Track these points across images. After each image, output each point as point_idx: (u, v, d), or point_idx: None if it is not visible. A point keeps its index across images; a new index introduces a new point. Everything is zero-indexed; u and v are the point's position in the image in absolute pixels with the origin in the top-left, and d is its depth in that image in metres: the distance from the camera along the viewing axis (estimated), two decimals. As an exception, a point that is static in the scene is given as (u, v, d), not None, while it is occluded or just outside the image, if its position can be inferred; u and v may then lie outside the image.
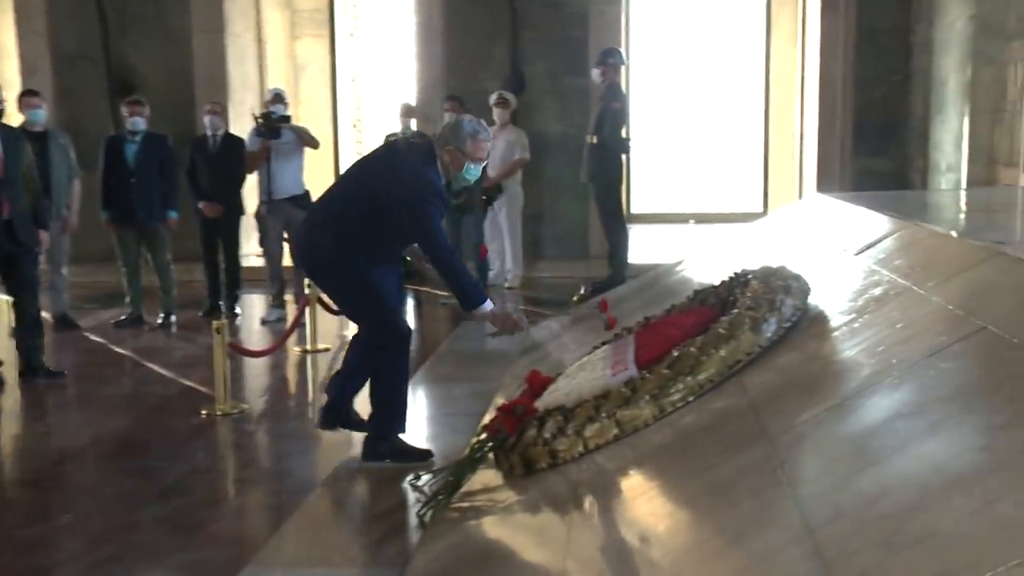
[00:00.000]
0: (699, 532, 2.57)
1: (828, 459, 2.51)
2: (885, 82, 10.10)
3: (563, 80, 10.36)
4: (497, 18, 10.29)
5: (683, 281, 5.88)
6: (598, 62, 8.39)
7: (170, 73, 10.49)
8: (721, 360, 3.48)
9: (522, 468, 3.61)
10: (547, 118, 10.39)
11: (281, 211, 8.03)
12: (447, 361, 6.53)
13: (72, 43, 10.63)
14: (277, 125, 7.97)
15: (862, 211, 4.94)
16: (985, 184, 7.85)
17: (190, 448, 4.96)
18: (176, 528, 3.89)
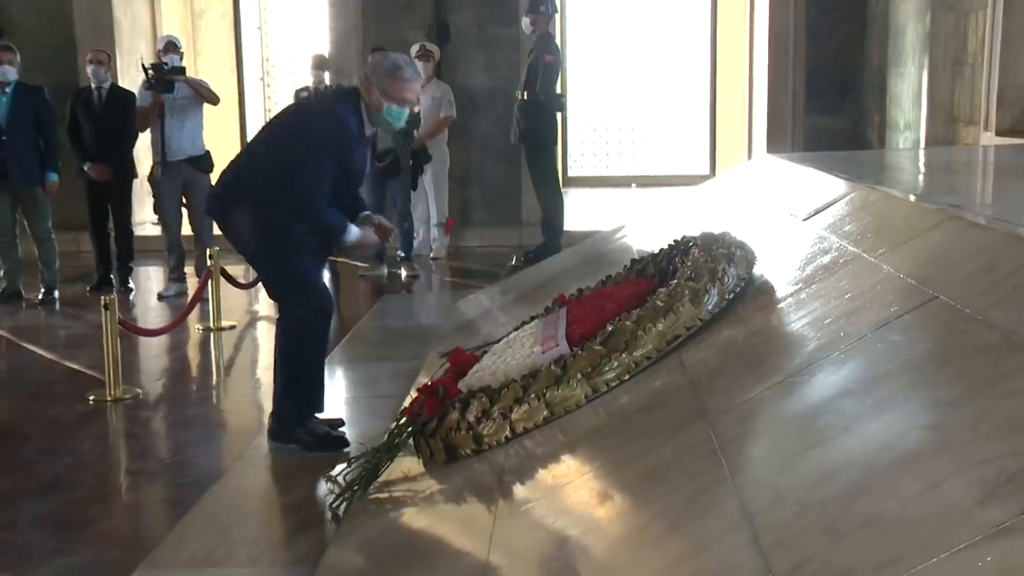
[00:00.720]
0: (634, 520, 2.60)
1: (770, 440, 2.56)
2: (840, 31, 10.24)
3: (491, 30, 10.33)
4: (419, -40, 10.21)
5: (622, 249, 5.92)
6: (528, 10, 8.39)
7: (46, 15, 10.23)
8: (659, 335, 3.51)
9: (444, 455, 3.62)
10: (474, 71, 10.35)
11: (178, 174, 7.92)
12: (366, 339, 6.51)
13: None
14: (170, 78, 7.84)
15: (813, 172, 5.00)
16: (945, 143, 8.01)
17: (75, 438, 4.89)
18: (58, 527, 3.84)
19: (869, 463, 2.11)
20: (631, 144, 13.74)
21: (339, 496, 3.71)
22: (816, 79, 10.28)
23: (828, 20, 10.19)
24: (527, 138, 8.43)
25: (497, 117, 9.94)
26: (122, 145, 8.11)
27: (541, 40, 8.26)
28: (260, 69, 13.38)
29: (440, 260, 9.50)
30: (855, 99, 10.34)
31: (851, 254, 3.42)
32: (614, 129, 13.71)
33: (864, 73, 10.26)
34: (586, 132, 13.63)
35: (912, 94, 8.91)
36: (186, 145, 7.97)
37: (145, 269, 8.88)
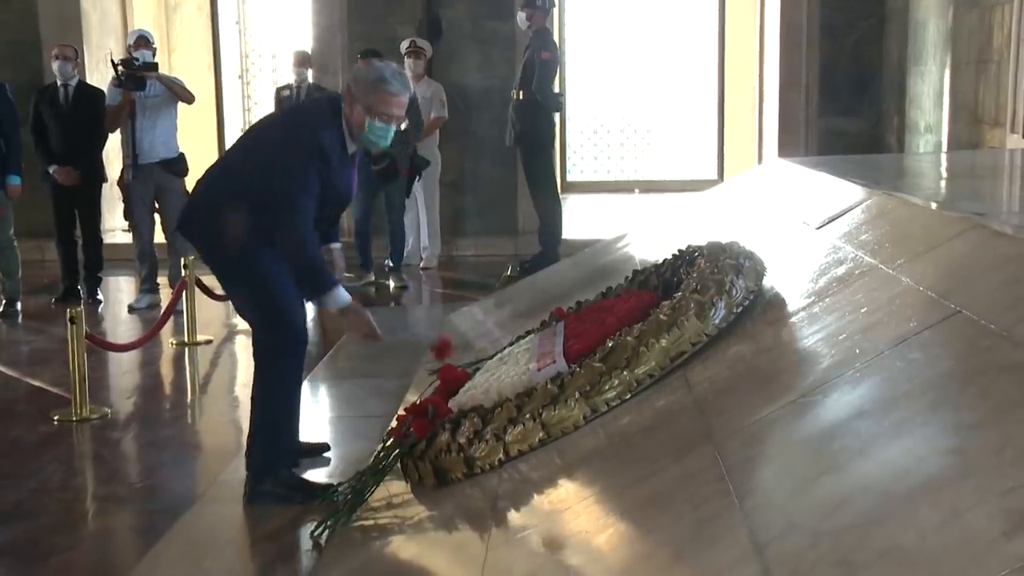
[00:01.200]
0: (636, 549, 2.60)
1: (781, 465, 2.55)
2: (856, 28, 10.26)
3: (485, 25, 10.34)
4: (408, -49, 10.24)
5: (624, 260, 5.93)
6: (524, 4, 8.42)
7: (10, 8, 10.24)
8: (662, 352, 3.51)
9: (433, 479, 3.62)
10: (467, 69, 10.36)
11: (150, 178, 7.92)
12: (351, 354, 6.49)
13: None
14: (142, 74, 7.83)
15: (827, 178, 5.02)
16: (969, 146, 8.02)
17: (38, 461, 4.87)
18: (19, 558, 3.83)
19: (886, 490, 2.11)
20: (633, 147, 13.76)
21: (321, 524, 3.70)
22: (831, 78, 10.30)
23: (844, 15, 10.21)
24: (523, 140, 8.44)
25: (492, 118, 9.93)
26: (90, 147, 8.10)
27: (538, 36, 8.29)
28: (239, 66, 13.39)
29: (430, 270, 9.50)
30: (873, 99, 10.36)
31: (868, 265, 3.43)
32: (615, 131, 13.72)
33: (882, 72, 10.28)
34: (585, 134, 13.65)
35: (933, 94, 8.93)
36: (159, 147, 7.95)
37: (115, 279, 8.87)
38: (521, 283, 7.21)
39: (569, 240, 8.84)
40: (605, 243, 6.95)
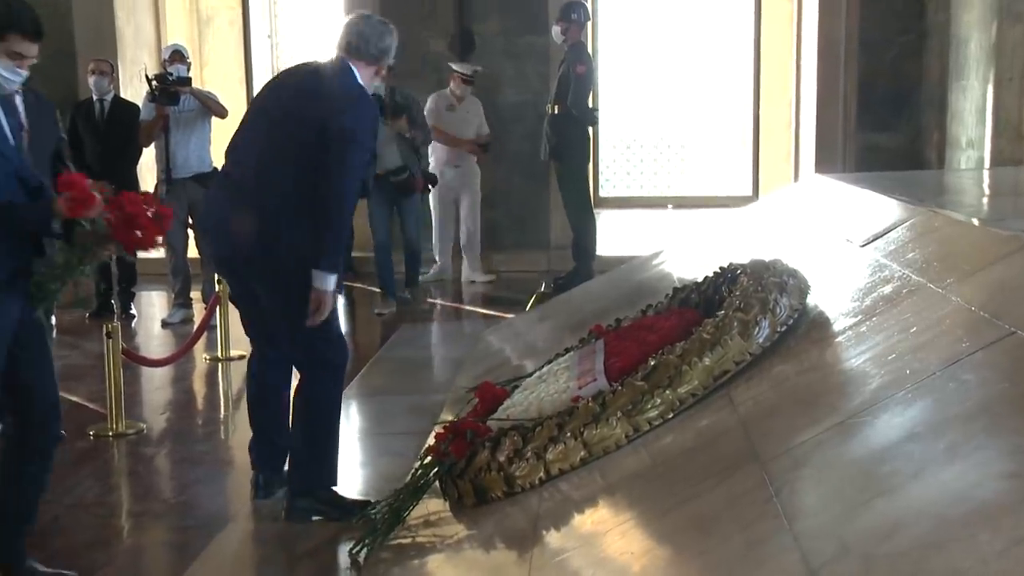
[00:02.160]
0: (682, 572, 2.59)
1: (831, 487, 2.53)
2: (895, 43, 10.22)
3: (519, 40, 10.37)
4: (441, -35, 10.29)
5: (661, 277, 5.92)
6: (559, 18, 8.43)
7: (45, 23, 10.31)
8: (705, 370, 3.50)
9: (473, 497, 3.62)
10: (501, 84, 10.39)
11: (184, 192, 7.96)
12: (384, 371, 6.53)
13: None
14: (176, 89, 7.90)
15: (869, 195, 5.00)
16: (1012, 162, 7.97)
17: (75, 477, 4.90)
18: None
19: (941, 514, 2.09)
20: (667, 163, 13.73)
21: (359, 542, 3.70)
22: (869, 93, 10.26)
23: (883, 30, 10.16)
24: (558, 155, 8.45)
25: (525, 132, 9.96)
26: (125, 161, 8.17)
27: (573, 50, 8.30)
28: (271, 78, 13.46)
29: (476, 284, 9.43)
30: (912, 115, 10.31)
31: (915, 284, 3.41)
32: (648, 146, 13.69)
33: (922, 87, 10.23)
34: (619, 149, 13.63)
35: (975, 110, 8.87)
36: (192, 161, 8.02)
37: (148, 294, 8.93)
38: (556, 300, 7.21)
39: (603, 256, 8.82)
40: (641, 260, 6.94)
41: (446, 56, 10.33)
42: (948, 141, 9.60)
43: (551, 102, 8.48)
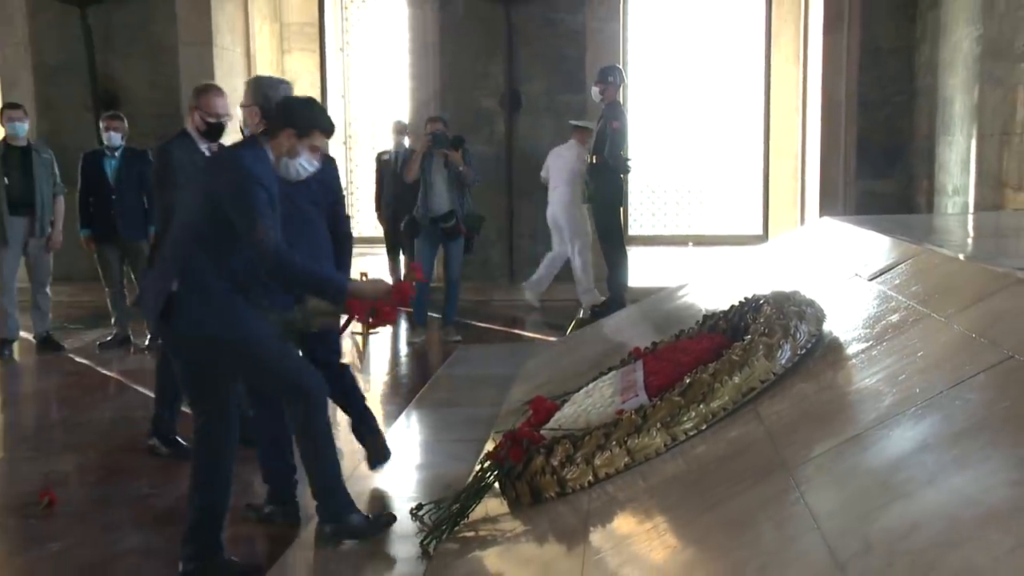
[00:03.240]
0: (721, 566, 2.57)
1: (852, 492, 2.51)
2: (889, 102, 10.19)
3: (559, 98, 10.43)
4: (493, 35, 10.35)
5: (687, 307, 5.90)
6: (598, 80, 8.46)
7: (156, 86, 10.51)
8: (735, 387, 3.50)
9: (530, 497, 3.62)
10: (543, 136, 10.43)
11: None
12: (444, 386, 6.53)
13: (55, 54, 10.64)
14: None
15: (872, 235, 4.97)
16: (993, 208, 7.90)
17: (182, 474, 4.85)
18: (170, 558, 3.86)
19: (955, 516, 2.07)
20: (688, 205, 13.74)
21: (428, 535, 3.71)
22: (867, 146, 10.23)
23: (878, 91, 10.15)
24: (595, 199, 8.46)
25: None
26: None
27: (609, 108, 8.33)
28: (343, 133, 13.61)
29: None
30: (904, 165, 10.26)
31: (920, 313, 3.39)
32: (671, 191, 13.72)
33: (913, 141, 10.19)
34: (646, 193, 13.65)
35: (960, 161, 8.82)
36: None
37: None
38: (595, 325, 7.20)
39: (633, 288, 8.81)
40: (668, 291, 6.92)
41: (496, 112, 10.41)
42: (936, 188, 9.55)
43: (590, 153, 8.50)
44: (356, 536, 3.82)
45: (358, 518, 3.86)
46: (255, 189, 3.48)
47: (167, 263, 3.65)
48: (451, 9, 10.43)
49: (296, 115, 3.67)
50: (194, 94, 5.21)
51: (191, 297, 3.51)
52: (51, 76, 10.69)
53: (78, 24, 10.48)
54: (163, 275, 3.59)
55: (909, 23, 10.13)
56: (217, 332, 3.57)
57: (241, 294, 3.59)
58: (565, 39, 10.44)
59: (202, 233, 3.56)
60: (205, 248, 3.55)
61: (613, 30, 10.61)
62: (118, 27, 10.64)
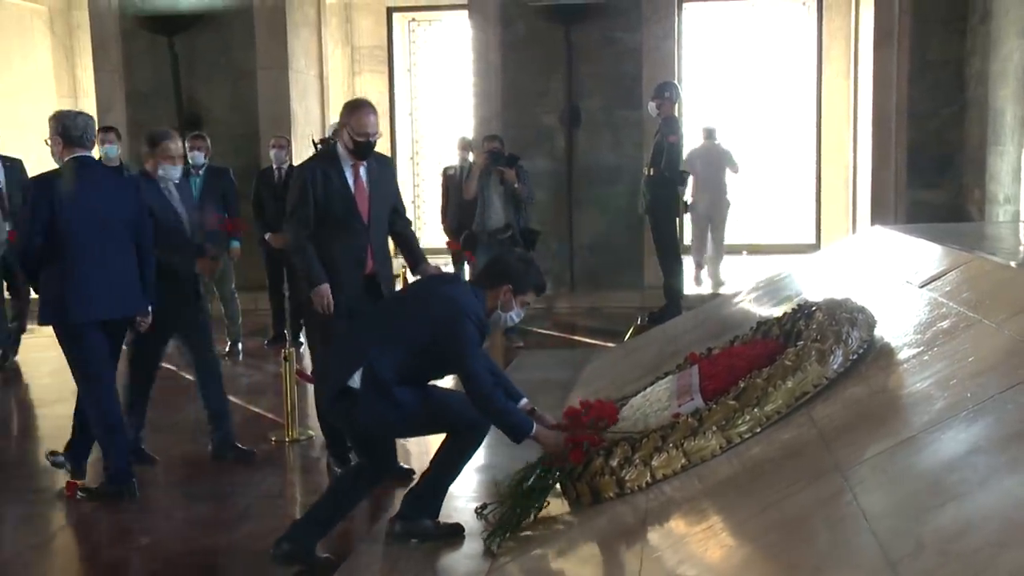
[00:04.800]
0: (776, 565, 2.53)
1: (905, 493, 2.47)
2: (940, 114, 9.98)
3: (617, 113, 10.38)
4: (553, 54, 10.34)
5: (742, 313, 5.84)
6: (654, 96, 8.40)
7: (236, 108, 10.67)
8: (788, 392, 3.45)
9: (590, 497, 3.60)
10: (602, 150, 10.40)
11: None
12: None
13: (145, 80, 10.85)
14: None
15: (923, 243, 4.88)
16: (1044, 216, 7.72)
17: (260, 474, 4.99)
18: (249, 553, 3.91)
19: (1008, 518, 2.02)
20: (742, 215, 13.56)
21: (492, 533, 3.70)
22: (917, 157, 10.02)
23: (929, 103, 9.94)
24: (652, 210, 8.41)
25: (622, 192, 9.97)
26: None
27: (666, 122, 8.26)
28: (411, 149, 13.71)
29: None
30: (955, 175, 10.03)
31: (971, 320, 3.31)
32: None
33: (963, 151, 9.96)
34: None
35: (1011, 170, 8.62)
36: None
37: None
38: (651, 332, 7.14)
39: (689, 295, 8.74)
40: (723, 298, 6.86)
41: (556, 128, 10.40)
42: (987, 198, 9.33)
43: (647, 166, 8.44)
44: (422, 538, 3.83)
45: (430, 523, 3.87)
46: (469, 325, 3.66)
47: (353, 356, 3.72)
48: (513, 29, 10.44)
49: (514, 274, 3.85)
50: (345, 111, 4.78)
51: (371, 394, 3.65)
52: (142, 101, 10.90)
53: (166, 51, 10.67)
54: (346, 367, 3.69)
55: (959, 37, 9.91)
56: (394, 420, 3.73)
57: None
58: (623, 57, 10.39)
59: (408, 344, 3.70)
60: (399, 358, 3.68)
61: (669, 48, 10.54)
62: (202, 53, 10.82)
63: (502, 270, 3.89)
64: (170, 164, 5.16)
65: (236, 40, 10.75)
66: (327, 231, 4.70)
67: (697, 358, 4.42)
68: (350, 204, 4.71)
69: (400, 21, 13.46)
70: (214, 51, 10.81)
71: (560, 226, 10.30)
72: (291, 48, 10.82)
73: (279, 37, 10.67)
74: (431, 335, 3.69)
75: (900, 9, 9.97)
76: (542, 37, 10.36)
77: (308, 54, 11.37)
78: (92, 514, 4.60)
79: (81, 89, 12.87)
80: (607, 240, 10.45)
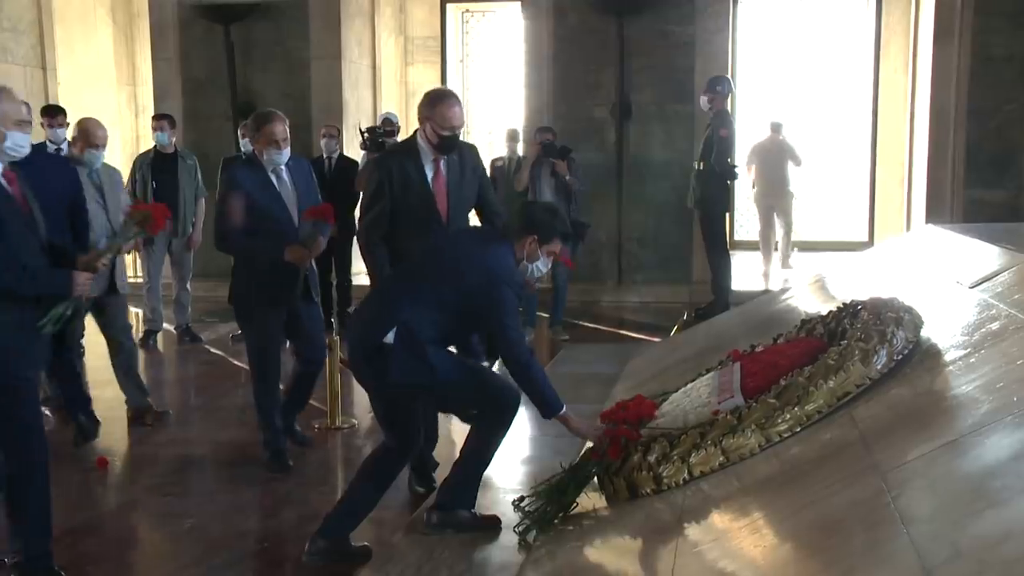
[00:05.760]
0: (809, 566, 2.50)
1: (944, 497, 2.42)
2: (1001, 111, 9.75)
3: (668, 107, 10.29)
4: (606, 47, 10.28)
5: (788, 310, 5.77)
6: (706, 90, 8.33)
7: (289, 97, 10.74)
8: (830, 391, 3.40)
9: (627, 492, 3.58)
10: (652, 144, 10.33)
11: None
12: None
13: (200, 69, 10.98)
14: (383, 139, 8.05)
15: (976, 243, 4.78)
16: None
17: (304, 460, 5.03)
18: (290, 539, 3.94)
19: (1050, 527, 1.97)
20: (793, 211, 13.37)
21: (528, 525, 3.69)
22: (976, 155, 9.80)
23: (989, 101, 9.70)
24: (702, 204, 8.33)
25: (672, 185, 9.88)
26: (347, 205, 8.38)
27: (718, 116, 8.18)
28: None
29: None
30: (1015, 174, 9.80)
31: (1021, 322, 3.23)
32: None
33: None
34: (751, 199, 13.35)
35: (1072, 170, 8.40)
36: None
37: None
38: (697, 327, 7.09)
39: (736, 291, 8.64)
40: (770, 295, 6.79)
41: (607, 121, 10.34)
42: (1048, 197, 9.12)
43: (698, 159, 8.37)
44: (459, 529, 3.83)
45: (466, 514, 3.87)
46: (506, 291, 3.65)
47: (387, 314, 3.70)
48: (565, 22, 10.40)
49: (540, 224, 3.83)
50: (427, 102, 4.34)
51: (406, 352, 3.62)
52: (197, 89, 11.02)
53: (222, 41, 10.78)
54: (380, 324, 3.66)
55: (1021, 31, 9.67)
56: (427, 381, 3.69)
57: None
58: (675, 50, 10.30)
59: (442, 306, 3.68)
60: (434, 318, 3.67)
61: (722, 42, 10.43)
62: (257, 42, 10.90)
63: (527, 221, 3.85)
64: (275, 149, 4.80)
65: (291, 29, 10.83)
66: (403, 229, 4.39)
67: (739, 355, 4.37)
68: (429, 201, 4.38)
69: (454, 12, 13.46)
70: (269, 40, 10.90)
71: (608, 219, 10.25)
72: (344, 38, 10.87)
73: (333, 27, 10.73)
74: (468, 303, 3.67)
75: (962, 3, 9.75)
76: (595, 30, 10.31)
77: (361, 44, 11.42)
78: (139, 498, 4.68)
79: (140, 76, 13.06)
80: (655, 234, 10.38)
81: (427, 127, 4.32)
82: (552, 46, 10.40)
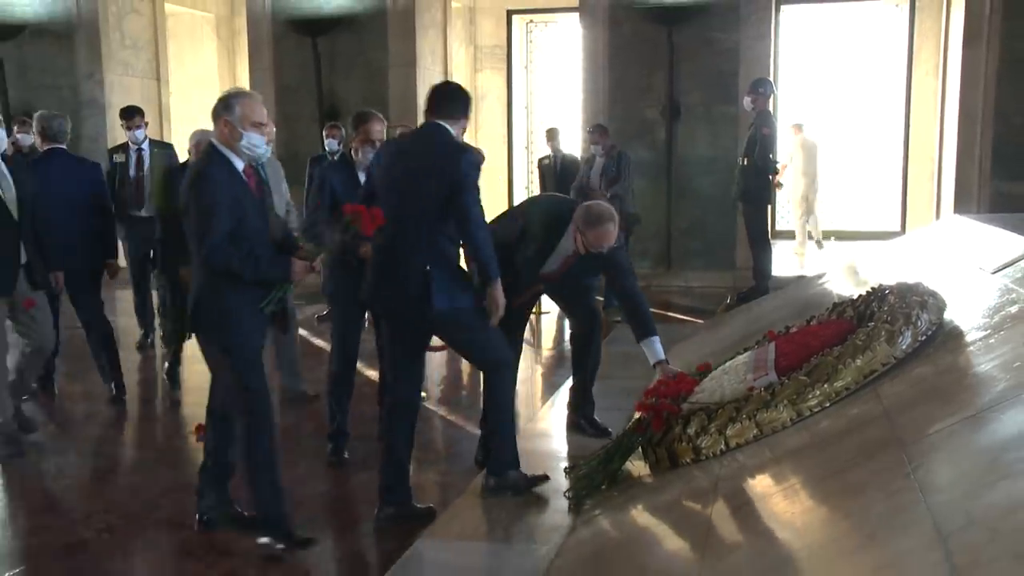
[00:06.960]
0: (833, 530, 2.44)
1: (961, 469, 2.34)
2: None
3: (715, 108, 10.14)
4: (656, 53, 10.16)
5: (824, 294, 5.64)
6: (749, 91, 8.17)
7: (369, 102, 10.72)
8: (857, 369, 3.31)
9: (667, 462, 3.54)
10: (699, 143, 10.19)
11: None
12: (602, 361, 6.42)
13: (292, 76, 11.09)
14: None
15: (1000, 231, 4.63)
16: None
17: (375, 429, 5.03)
18: (361, 500, 3.96)
19: (1059, 498, 1.89)
20: (830, 203, 13.10)
21: (578, 491, 3.67)
22: (1002, 150, 9.48)
23: (1015, 101, 9.38)
24: (745, 197, 8.19)
25: (717, 180, 9.73)
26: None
27: (760, 116, 8.03)
28: (526, 140, 13.67)
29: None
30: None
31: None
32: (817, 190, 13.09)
33: (1049, 146, 9.38)
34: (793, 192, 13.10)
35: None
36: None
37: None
38: (739, 310, 6.99)
39: (777, 277, 8.49)
40: (807, 280, 6.65)
41: (658, 121, 10.23)
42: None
43: (742, 156, 8.23)
44: (514, 490, 3.82)
45: (516, 475, 3.85)
46: (464, 162, 3.61)
47: (419, 246, 3.62)
48: (619, 31, 10.30)
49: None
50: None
51: (444, 274, 3.61)
52: (289, 95, 11.14)
53: (310, 52, 10.88)
54: (417, 257, 3.61)
55: (1048, 36, 9.33)
56: (463, 304, 3.67)
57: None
58: (721, 56, 10.13)
59: (441, 215, 3.62)
60: (444, 228, 3.64)
61: (764, 47, 10.23)
62: (341, 53, 10.98)
63: (463, 102, 3.92)
64: (370, 147, 4.43)
65: (371, 41, 10.87)
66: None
67: (775, 335, 4.29)
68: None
69: (519, 22, 13.42)
70: (351, 51, 10.95)
71: (658, 211, 10.15)
72: (419, 48, 10.88)
73: (409, 38, 10.75)
74: (441, 186, 3.58)
75: (991, 9, 9.42)
76: (646, 37, 10.19)
77: (434, 53, 11.42)
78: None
79: (240, 85, 13.26)
80: (702, 225, 10.24)
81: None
82: (608, 53, 10.31)
